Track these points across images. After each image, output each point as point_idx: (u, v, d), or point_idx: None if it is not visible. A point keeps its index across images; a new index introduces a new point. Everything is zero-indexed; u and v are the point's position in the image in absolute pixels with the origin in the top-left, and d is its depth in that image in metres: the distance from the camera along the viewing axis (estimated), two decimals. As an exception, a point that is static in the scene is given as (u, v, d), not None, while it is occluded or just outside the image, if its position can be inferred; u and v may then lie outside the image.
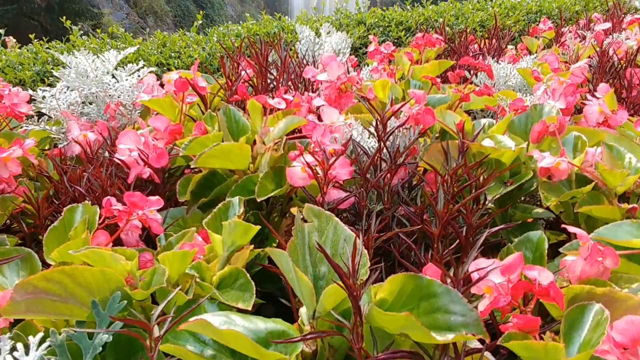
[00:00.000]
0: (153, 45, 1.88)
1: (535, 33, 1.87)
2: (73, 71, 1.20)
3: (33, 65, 1.67)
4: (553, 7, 2.62)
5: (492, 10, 2.47)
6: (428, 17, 2.29)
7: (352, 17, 2.22)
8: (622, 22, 1.72)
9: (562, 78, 1.11)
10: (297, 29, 1.40)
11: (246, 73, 1.15)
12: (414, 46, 1.36)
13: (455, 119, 0.91)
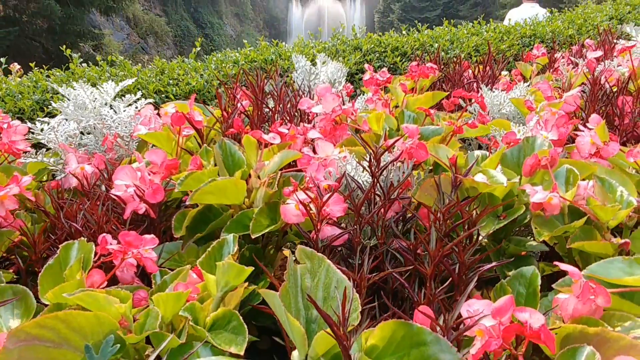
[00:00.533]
0: (152, 73, 1.90)
1: (529, 59, 1.89)
2: (71, 103, 1.22)
3: (33, 94, 1.69)
4: (547, 31, 2.66)
5: (486, 35, 2.50)
6: (423, 42, 2.32)
7: (349, 42, 2.26)
8: (613, 49, 1.75)
9: (554, 109, 1.12)
10: (293, 59, 1.42)
11: (242, 105, 1.16)
12: (408, 76, 1.38)
13: (448, 152, 0.92)
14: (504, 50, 2.40)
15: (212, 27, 41.54)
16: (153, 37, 32.30)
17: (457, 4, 42.33)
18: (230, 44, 44.96)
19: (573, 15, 2.95)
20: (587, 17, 2.90)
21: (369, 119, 1.04)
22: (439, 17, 42.24)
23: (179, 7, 39.08)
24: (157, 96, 1.77)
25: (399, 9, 42.84)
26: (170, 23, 36.37)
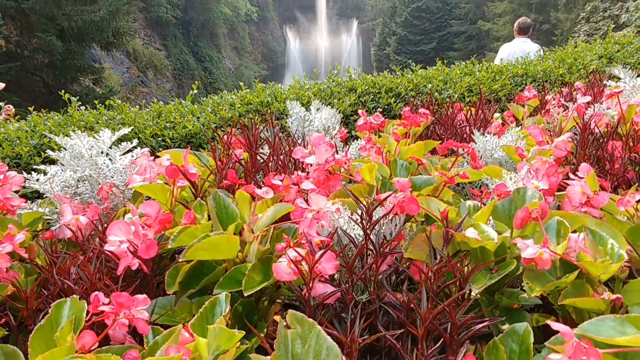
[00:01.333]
0: (148, 116, 1.93)
1: (521, 100, 1.92)
2: (68, 153, 1.23)
3: (31, 139, 1.71)
4: (538, 70, 2.71)
5: (479, 75, 2.55)
6: (417, 83, 2.36)
7: (343, 84, 2.30)
8: (602, 92, 1.78)
9: (545, 157, 1.14)
10: (288, 105, 1.45)
11: (236, 155, 1.18)
12: (401, 125, 1.41)
13: (439, 206, 0.93)
14: (496, 90, 2.45)
15: (211, 61, 42.24)
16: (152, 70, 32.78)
17: (451, 37, 43.23)
18: (229, 77, 45.61)
19: (563, 55, 3.01)
20: (577, 56, 2.97)
21: (362, 170, 1.06)
22: (434, 50, 43.07)
23: (179, 41, 39.80)
24: (153, 140, 1.79)
25: (395, 42, 43.72)
26: (169, 57, 36.99)
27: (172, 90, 36.26)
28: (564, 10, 32.46)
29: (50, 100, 16.00)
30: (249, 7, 50.51)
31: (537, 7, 36.41)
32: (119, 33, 14.30)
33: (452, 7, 42.94)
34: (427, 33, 43.02)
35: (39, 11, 11.94)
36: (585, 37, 27.58)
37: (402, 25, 42.96)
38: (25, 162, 1.65)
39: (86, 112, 1.98)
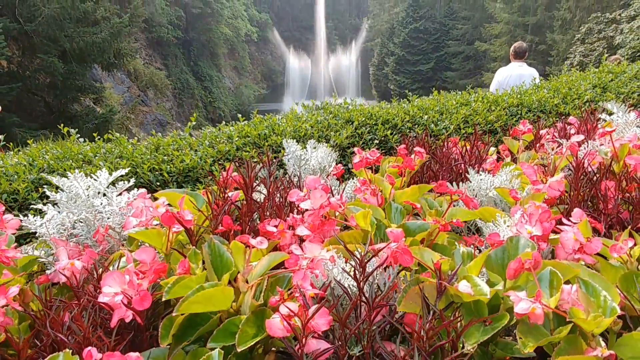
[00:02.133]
0: (147, 149, 1.94)
1: (516, 134, 1.94)
2: (65, 195, 1.24)
3: (29, 173, 1.72)
4: (533, 100, 2.74)
5: (475, 106, 2.58)
6: (413, 114, 2.38)
7: (340, 115, 2.32)
8: (596, 128, 1.80)
9: (538, 202, 1.15)
10: (284, 144, 1.46)
11: (231, 199, 1.19)
12: (395, 166, 1.42)
13: (433, 257, 0.93)
14: (492, 121, 2.47)
15: (211, 80, 42.64)
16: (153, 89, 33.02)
17: (449, 57, 43.72)
18: (229, 96, 45.89)
19: (558, 84, 3.05)
20: (572, 85, 3.00)
21: (357, 216, 1.06)
22: (432, 70, 43.51)
23: (179, 60, 40.20)
24: (151, 174, 1.80)
25: (393, 62, 44.18)
26: (170, 76, 37.33)
27: (172, 109, 36.51)
28: (559, 32, 32.91)
29: (50, 119, 16.07)
30: (249, 27, 51.17)
31: (533, 28, 36.91)
32: (120, 54, 14.43)
33: (449, 28, 43.51)
34: (425, 53, 43.51)
35: (42, 33, 12.07)
36: (581, 57, 27.93)
37: (400, 46, 43.47)
38: (22, 198, 1.65)
39: (84, 145, 1.99)
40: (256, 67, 58.26)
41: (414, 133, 2.31)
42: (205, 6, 39.93)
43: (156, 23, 34.14)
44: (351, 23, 73.57)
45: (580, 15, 31.09)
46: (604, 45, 26.93)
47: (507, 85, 6.56)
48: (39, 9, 11.87)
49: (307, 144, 1.49)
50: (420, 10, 43.36)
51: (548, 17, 35.47)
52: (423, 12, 43.43)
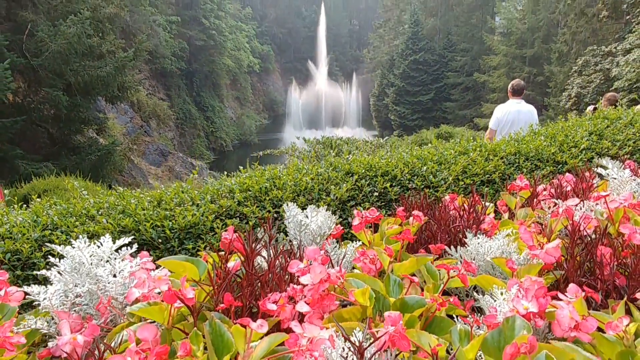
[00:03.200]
0: (149, 204, 1.97)
1: (513, 189, 1.97)
2: (68, 263, 1.26)
3: (32, 231, 1.74)
4: (530, 148, 2.78)
5: (473, 155, 2.62)
6: (413, 165, 2.42)
7: (341, 167, 2.35)
8: (591, 187, 1.83)
9: (534, 274, 1.17)
10: (284, 208, 1.49)
11: (231, 270, 1.21)
12: (394, 237, 1.44)
13: (430, 341, 0.95)
14: (490, 172, 2.50)
15: (213, 110, 43.15)
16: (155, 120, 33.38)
17: (448, 88, 44.30)
18: (230, 126, 46.26)
19: (555, 131, 3.10)
20: (568, 132, 3.05)
21: (356, 293, 1.08)
22: (431, 101, 44.02)
23: (182, 91, 40.77)
24: (153, 231, 1.82)
25: (393, 93, 44.75)
26: (173, 107, 37.80)
27: (174, 139, 36.85)
28: (556, 64, 33.42)
29: (54, 151, 16.21)
30: (251, 59, 52.08)
31: (530, 60, 37.52)
32: (124, 87, 14.66)
33: (448, 60, 44.22)
34: (424, 84, 44.11)
35: (48, 67, 12.30)
36: (579, 89, 28.29)
37: (400, 77, 44.10)
38: (26, 257, 1.67)
39: (88, 199, 2.02)
40: (258, 98, 59.05)
41: (413, 184, 2.34)
42: (208, 38, 40.73)
43: (160, 55, 34.76)
44: (352, 54, 74.92)
45: (576, 47, 31.64)
46: (601, 77, 27.34)
47: (506, 122, 6.66)
48: (46, 44, 12.12)
49: (307, 207, 1.52)
50: (419, 43, 44.14)
51: (545, 49, 36.10)
52: (422, 45, 44.21)
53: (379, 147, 9.37)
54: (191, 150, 38.46)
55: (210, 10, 41.45)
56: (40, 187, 6.16)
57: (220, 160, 41.04)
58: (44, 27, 12.16)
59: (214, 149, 41.74)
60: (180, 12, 38.73)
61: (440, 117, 44.15)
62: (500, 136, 6.76)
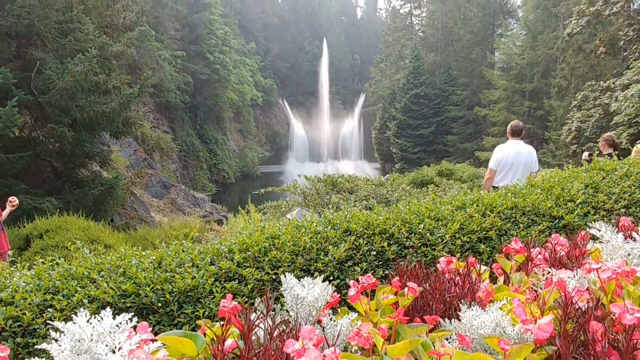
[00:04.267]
0: (150, 266, 2.00)
1: (508, 251, 2.00)
2: (68, 341, 1.29)
3: (34, 296, 1.77)
4: (527, 203, 2.82)
5: (470, 211, 2.65)
6: (410, 223, 2.46)
7: (339, 225, 2.39)
8: (584, 253, 1.86)
9: (526, 354, 1.19)
10: (282, 280, 1.52)
11: (229, 352, 1.23)
12: (388, 316, 1.47)
13: None
14: (487, 228, 2.54)
15: (216, 143, 43.57)
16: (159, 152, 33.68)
17: (449, 121, 44.76)
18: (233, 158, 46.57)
19: (551, 184, 3.14)
20: (564, 185, 3.09)
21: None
22: (433, 134, 44.41)
23: (186, 124, 41.26)
24: (153, 295, 1.84)
25: (395, 127, 45.20)
26: (176, 139, 38.19)
27: (176, 170, 37.08)
28: (556, 98, 33.81)
29: (57, 185, 16.31)
30: (254, 92, 52.87)
31: (530, 94, 38.00)
32: (129, 123, 14.89)
33: (449, 94, 44.83)
34: (425, 118, 44.60)
35: (55, 104, 12.52)
36: (579, 123, 28.53)
37: (401, 111, 44.64)
38: (27, 324, 1.69)
39: (89, 259, 2.05)
40: (261, 130, 59.72)
41: (411, 242, 2.37)
42: (212, 72, 41.48)
43: (165, 88, 35.34)
44: (353, 88, 76.05)
45: (575, 82, 32.07)
46: (600, 111, 27.63)
47: (506, 162, 6.73)
48: (53, 82, 12.37)
49: (306, 269, 1.55)
50: (420, 77, 44.86)
51: (544, 84, 36.59)
52: (423, 79, 44.92)
53: (380, 186, 9.44)
54: (194, 182, 38.66)
55: (215, 45, 42.32)
56: (43, 227, 6.19)
57: (223, 192, 41.18)
58: (52, 65, 12.45)
59: (216, 181, 41.94)
60: (186, 47, 39.57)
61: (441, 150, 44.45)
62: (499, 176, 6.83)
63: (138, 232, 6.93)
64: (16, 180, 13.13)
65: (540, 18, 37.09)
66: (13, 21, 12.37)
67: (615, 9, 27.01)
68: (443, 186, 10.67)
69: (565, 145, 29.49)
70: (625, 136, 24.29)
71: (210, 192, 38.25)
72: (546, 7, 37.37)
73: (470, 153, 41.23)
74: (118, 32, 16.30)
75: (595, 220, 2.80)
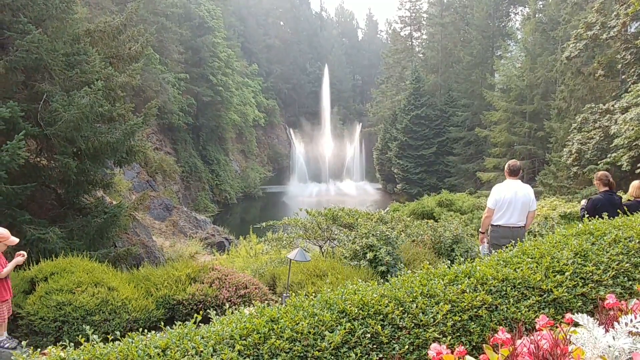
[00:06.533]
0: (154, 352, 2.10)
1: (495, 341, 2.10)
2: None
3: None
4: (517, 275, 2.93)
5: (462, 286, 2.76)
6: (403, 302, 2.57)
7: (335, 306, 2.50)
8: (565, 353, 1.97)
9: None
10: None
11: None
12: None
13: None
14: (477, 306, 2.64)
15: (219, 163, 43.81)
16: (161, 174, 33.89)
17: (450, 142, 44.98)
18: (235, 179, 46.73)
19: (540, 253, 3.25)
20: (554, 253, 3.20)
21: None
22: (434, 154, 44.60)
23: (188, 145, 41.58)
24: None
25: (396, 147, 45.44)
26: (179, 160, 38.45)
27: (179, 191, 37.24)
28: (556, 120, 34.00)
29: (61, 212, 16.44)
30: (257, 113, 53.34)
31: (530, 116, 38.23)
32: (132, 151, 15.08)
33: (449, 115, 45.16)
34: (427, 138, 44.86)
35: (60, 135, 12.74)
36: (579, 145, 28.66)
37: (402, 131, 44.94)
38: None
39: (97, 349, 2.16)
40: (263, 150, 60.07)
41: (404, 322, 2.48)
42: (215, 94, 41.91)
43: (168, 110, 35.68)
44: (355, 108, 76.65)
45: (575, 104, 32.29)
46: (600, 134, 27.80)
47: (504, 202, 6.85)
48: (59, 114, 12.60)
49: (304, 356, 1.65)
50: (421, 98, 45.25)
51: (544, 105, 36.82)
52: (424, 100, 45.30)
53: (380, 221, 9.54)
54: (196, 203, 38.79)
55: (218, 67, 42.85)
56: (48, 270, 6.28)
57: (225, 213, 41.27)
58: (58, 97, 12.70)
59: (218, 201, 42.07)
60: (189, 70, 40.06)
61: (443, 170, 44.63)
62: (498, 215, 6.93)
63: (141, 272, 6.99)
64: (21, 210, 13.26)
65: (539, 41, 37.53)
66: (22, 56, 12.66)
67: (612, 33, 27.36)
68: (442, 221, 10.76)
69: (567, 167, 29.58)
70: (625, 159, 24.41)
71: (212, 212, 38.35)
72: (544, 30, 37.85)
73: (472, 173, 41.36)
74: (123, 62, 16.62)
75: (583, 292, 2.90)
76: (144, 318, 5.97)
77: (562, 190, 29.15)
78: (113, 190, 22.00)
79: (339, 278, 6.79)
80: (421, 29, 55.02)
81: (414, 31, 55.23)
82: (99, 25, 16.61)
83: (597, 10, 28.53)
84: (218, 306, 6.33)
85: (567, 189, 29.29)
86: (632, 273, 3.07)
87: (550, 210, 13.63)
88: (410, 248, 8.22)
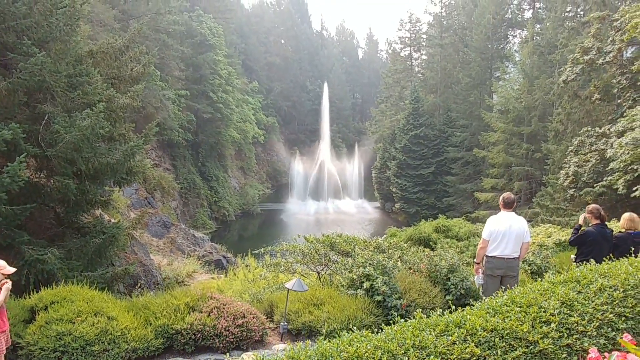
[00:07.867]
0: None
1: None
2: None
3: None
4: (506, 325, 3.05)
5: (453, 337, 2.88)
6: (395, 355, 2.68)
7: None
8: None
9: None
10: None
11: None
12: None
13: None
14: (466, 358, 2.75)
15: (217, 180, 43.87)
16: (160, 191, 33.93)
17: (449, 162, 45.22)
18: (234, 196, 46.72)
19: (529, 301, 3.37)
20: (542, 303, 3.32)
21: None
22: (432, 174, 44.78)
23: (187, 161, 41.69)
24: None
25: (395, 166, 45.64)
26: (177, 176, 38.51)
27: (177, 208, 37.23)
28: (553, 142, 34.28)
29: (59, 232, 16.49)
30: (256, 130, 53.57)
31: (528, 137, 38.54)
32: (132, 172, 15.20)
33: (448, 135, 45.47)
34: (425, 158, 45.10)
35: (61, 156, 12.88)
36: (576, 167, 28.87)
37: (401, 151, 45.19)
38: None
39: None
40: (262, 168, 60.24)
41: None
42: (215, 111, 42.15)
43: (168, 127, 35.85)
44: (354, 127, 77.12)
45: (572, 127, 32.59)
46: (597, 157, 28.03)
47: (498, 233, 6.98)
48: (60, 135, 12.75)
49: None
50: (420, 118, 45.60)
51: (542, 127, 37.14)
52: (423, 120, 45.65)
53: (377, 249, 9.64)
54: (194, 219, 38.75)
55: (219, 84, 43.15)
56: (48, 299, 6.34)
57: (223, 230, 41.22)
58: (60, 119, 12.86)
59: (216, 218, 42.03)
60: (190, 87, 40.37)
61: (441, 190, 44.78)
62: (492, 246, 7.05)
63: (140, 300, 7.05)
64: (19, 230, 13.33)
65: (536, 64, 38.00)
66: (25, 78, 12.86)
67: (608, 58, 27.77)
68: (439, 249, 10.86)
69: (563, 189, 29.76)
70: (621, 182, 24.60)
71: (210, 229, 38.31)
72: (542, 54, 38.34)
73: (470, 193, 41.53)
74: (125, 83, 16.82)
75: (569, 343, 3.02)
76: (142, 348, 6.01)
77: (559, 212, 29.29)
78: (111, 208, 22.06)
79: (336, 307, 6.88)
80: (421, 50, 55.66)
81: (414, 52, 55.87)
82: (102, 47, 16.84)
83: (594, 35, 29.02)
84: (216, 335, 6.39)
85: (563, 210, 29.46)
86: (615, 323, 3.19)
87: (545, 238, 13.72)
88: (407, 276, 8.30)
